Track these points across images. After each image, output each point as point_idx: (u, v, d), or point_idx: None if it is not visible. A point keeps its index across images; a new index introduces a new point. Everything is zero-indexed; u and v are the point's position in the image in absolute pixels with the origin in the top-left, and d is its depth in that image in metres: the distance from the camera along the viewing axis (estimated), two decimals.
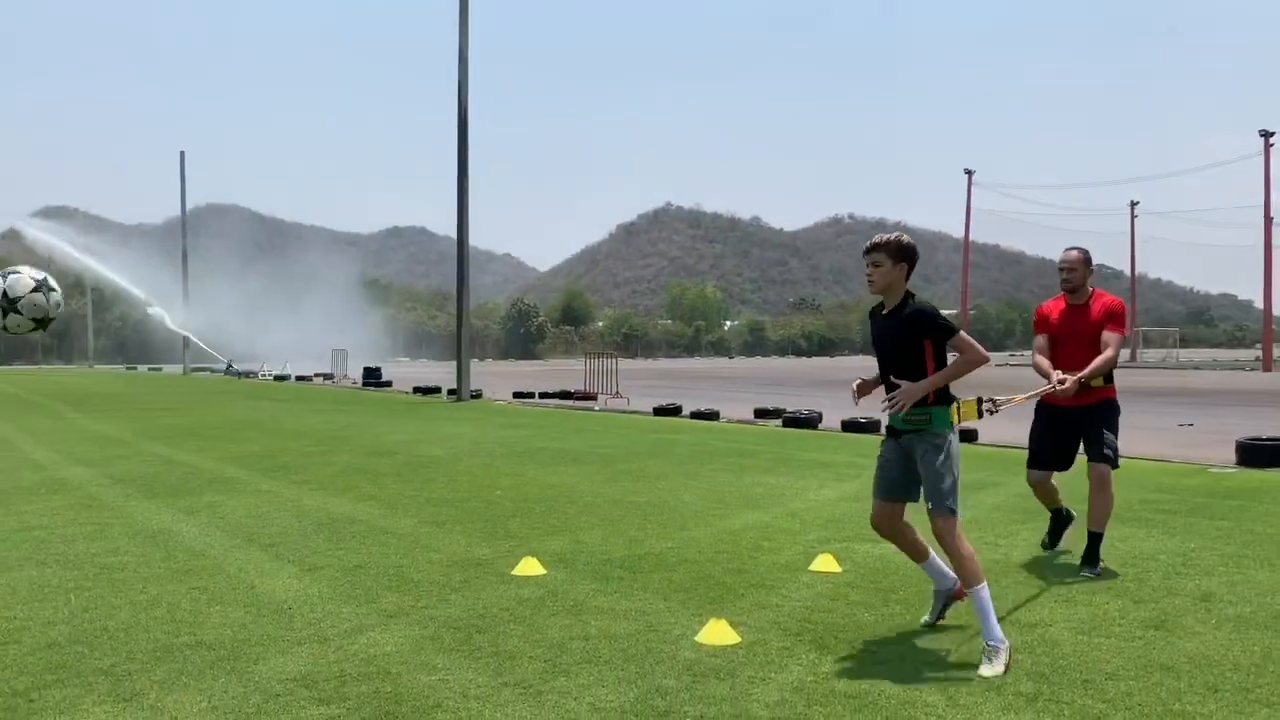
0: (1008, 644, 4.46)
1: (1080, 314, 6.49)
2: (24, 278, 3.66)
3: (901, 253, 4.78)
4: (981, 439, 14.68)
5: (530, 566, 6.25)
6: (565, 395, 27.99)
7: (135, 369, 73.40)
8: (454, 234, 29.88)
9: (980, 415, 5.04)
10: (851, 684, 4.18)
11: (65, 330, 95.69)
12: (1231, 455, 12.01)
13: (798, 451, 13.39)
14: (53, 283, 3.65)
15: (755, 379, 45.03)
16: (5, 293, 3.57)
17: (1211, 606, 5.38)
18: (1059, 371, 6.29)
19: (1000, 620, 4.72)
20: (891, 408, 4.76)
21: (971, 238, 79.38)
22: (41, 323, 3.80)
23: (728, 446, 14.10)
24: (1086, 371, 6.21)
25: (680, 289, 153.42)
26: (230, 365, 57.10)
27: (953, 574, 4.97)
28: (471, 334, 30.61)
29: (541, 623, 5.11)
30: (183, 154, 64.35)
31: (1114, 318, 6.39)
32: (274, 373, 52.66)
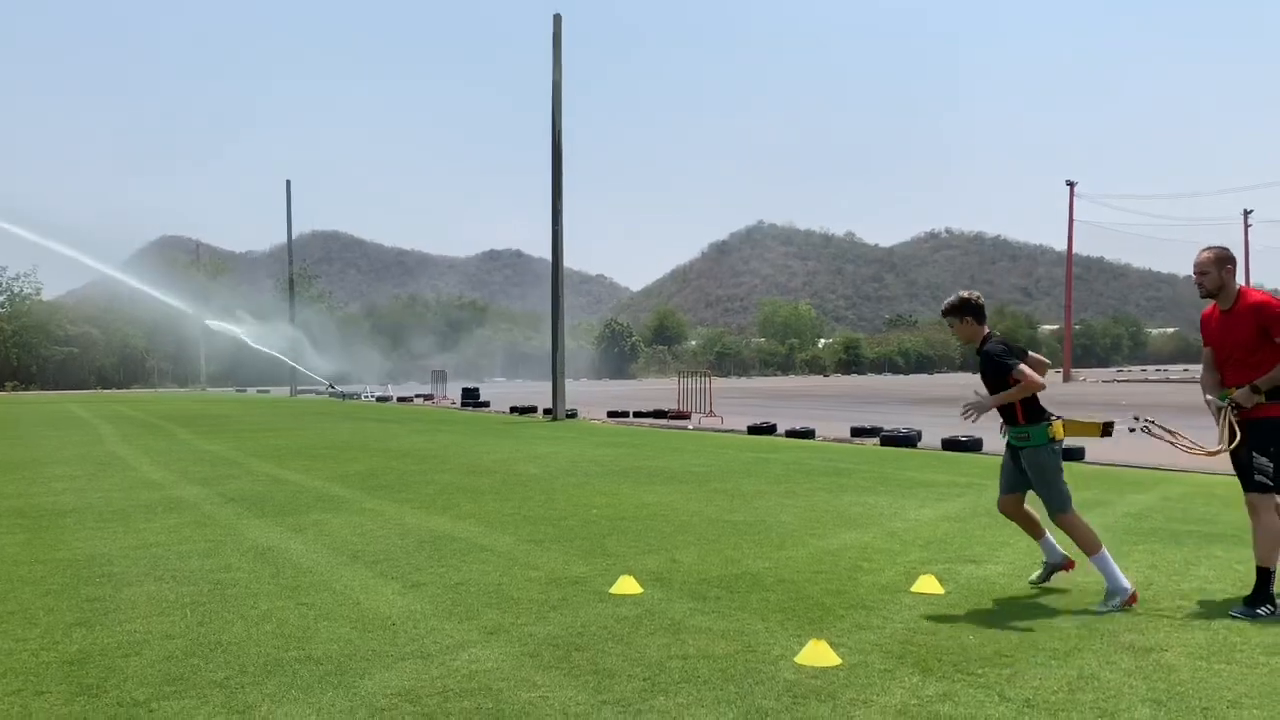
0: (1130, 590, 5.67)
1: (1232, 320, 5.76)
2: None
3: (963, 309, 6.16)
4: (1089, 458, 14.24)
5: (627, 585, 6.27)
6: (659, 414, 28.04)
7: (245, 391, 76.00)
8: (549, 256, 30.27)
9: (1107, 434, 6.29)
10: (956, 708, 4.09)
11: (180, 354, 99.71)
12: None
13: (896, 470, 13.17)
14: None
15: (851, 397, 44.44)
16: None
17: None
18: (1213, 399, 5.75)
19: (1112, 644, 4.64)
20: (964, 417, 6.01)
21: (1074, 250, 77.19)
22: None
23: (824, 465, 13.94)
24: (1263, 379, 5.52)
25: (773, 307, 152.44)
26: (332, 387, 58.72)
27: (1061, 549, 6.31)
28: (566, 354, 30.92)
29: (640, 641, 5.12)
30: (289, 183, 66.55)
31: (1271, 319, 5.55)
32: (376, 394, 53.96)
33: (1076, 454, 14.40)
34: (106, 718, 4.11)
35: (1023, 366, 5.84)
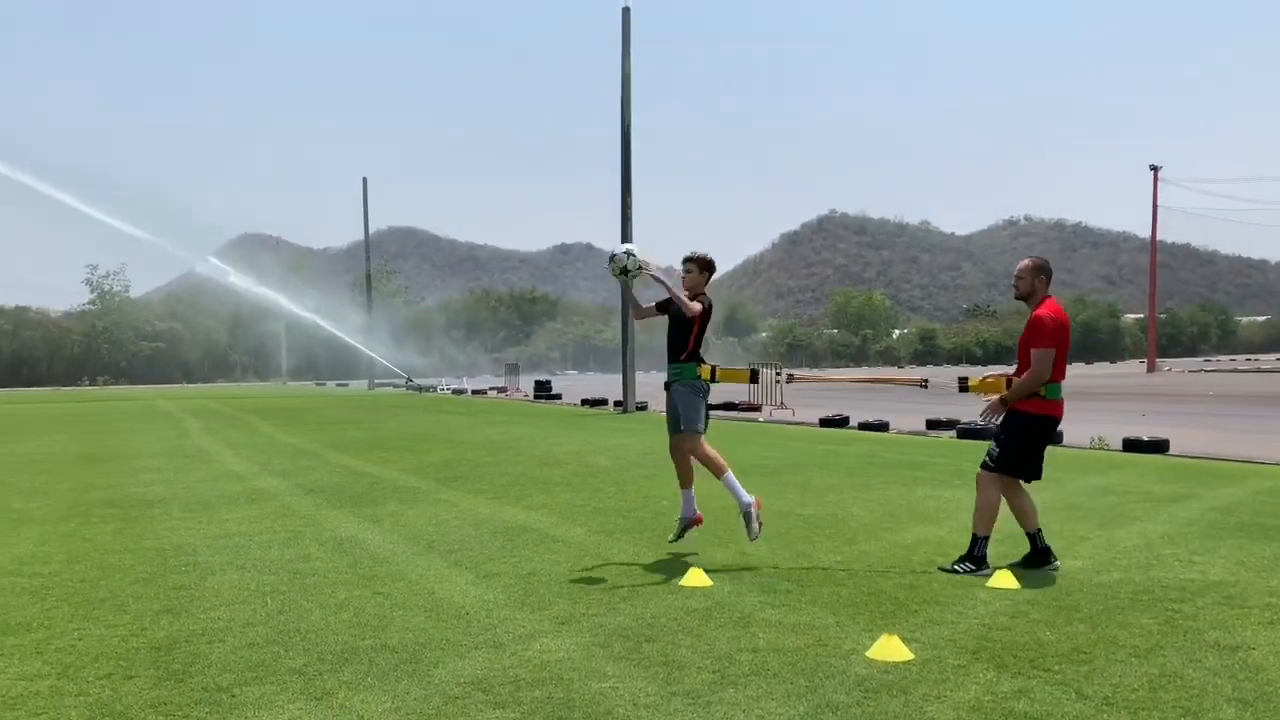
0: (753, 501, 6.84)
1: (1026, 325, 6.56)
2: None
3: (705, 266, 7.39)
4: (1173, 449, 13.84)
5: (697, 578, 6.27)
6: (729, 406, 27.94)
7: (323, 385, 77.64)
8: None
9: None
10: (1032, 704, 4.01)
11: (261, 348, 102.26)
12: None
13: (973, 464, 12.89)
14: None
15: (928, 390, 43.81)
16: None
17: None
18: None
19: (1195, 642, 4.54)
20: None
21: (1159, 237, 74.97)
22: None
23: (898, 458, 13.77)
24: (1009, 392, 6.47)
25: (846, 297, 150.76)
26: (410, 380, 59.73)
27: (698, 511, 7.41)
28: (636, 346, 30.98)
29: (710, 634, 5.12)
30: (365, 180, 67.76)
31: (1033, 332, 6.38)
32: (451, 387, 54.73)
33: (1162, 446, 14.00)
34: (191, 702, 4.24)
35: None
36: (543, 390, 40.54)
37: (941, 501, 9.61)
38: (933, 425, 19.39)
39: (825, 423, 20.91)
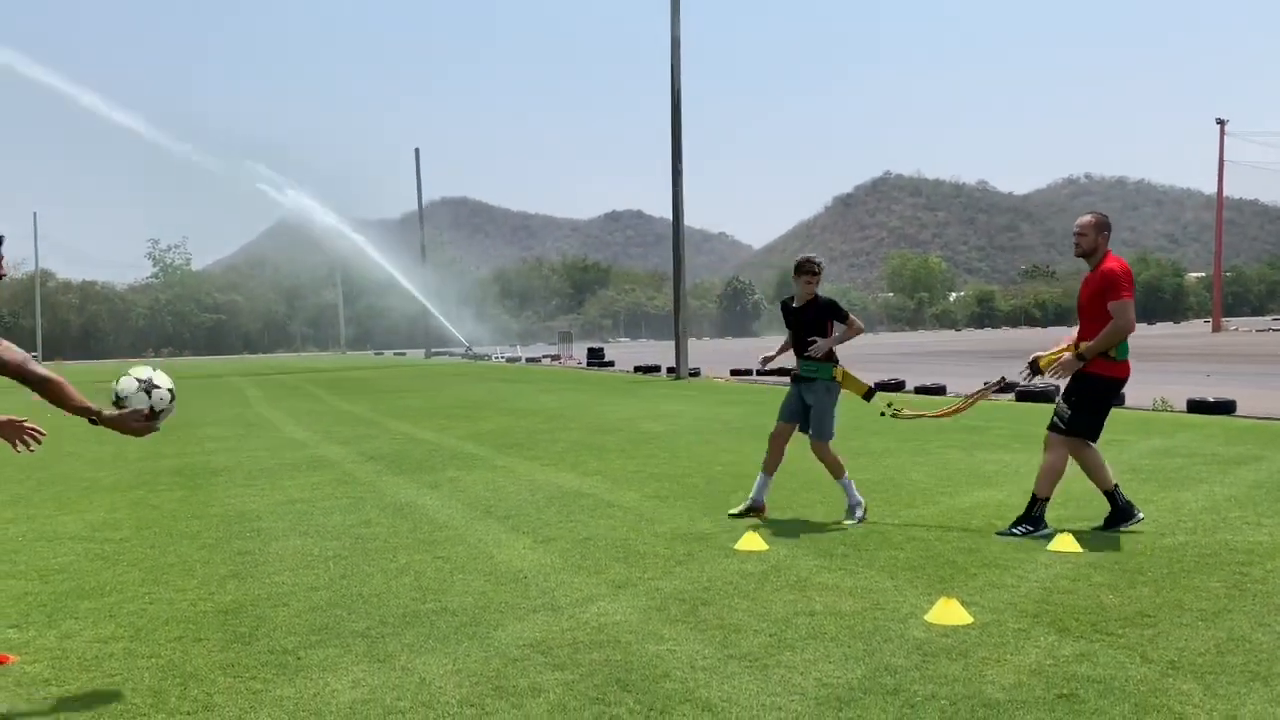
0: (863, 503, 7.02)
1: (1088, 281, 6.42)
2: (130, 379, 4.09)
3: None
4: (1240, 411, 13.51)
5: (752, 541, 6.27)
6: (783, 372, 27.77)
7: (381, 354, 78.64)
8: (669, 216, 30.22)
9: (868, 398, 7.61)
10: (1095, 668, 3.96)
11: (319, 319, 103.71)
12: None
13: (1032, 427, 12.73)
14: (158, 380, 4.02)
15: (985, 352, 43.19)
16: (117, 394, 4.02)
17: None
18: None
19: (1263, 605, 4.45)
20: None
21: (1225, 193, 72.84)
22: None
23: (956, 423, 13.55)
24: (1088, 346, 6.28)
25: (901, 260, 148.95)
26: (469, 349, 60.37)
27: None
28: (688, 313, 30.92)
29: (766, 597, 5.12)
30: (417, 151, 68.24)
31: (1110, 285, 6.22)
32: (506, 355, 55.17)
33: (1228, 407, 13.69)
34: (258, 664, 4.35)
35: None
36: (595, 358, 40.67)
37: (1000, 465, 9.49)
38: None
39: (881, 387, 20.72)
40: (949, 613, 4.63)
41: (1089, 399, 6.34)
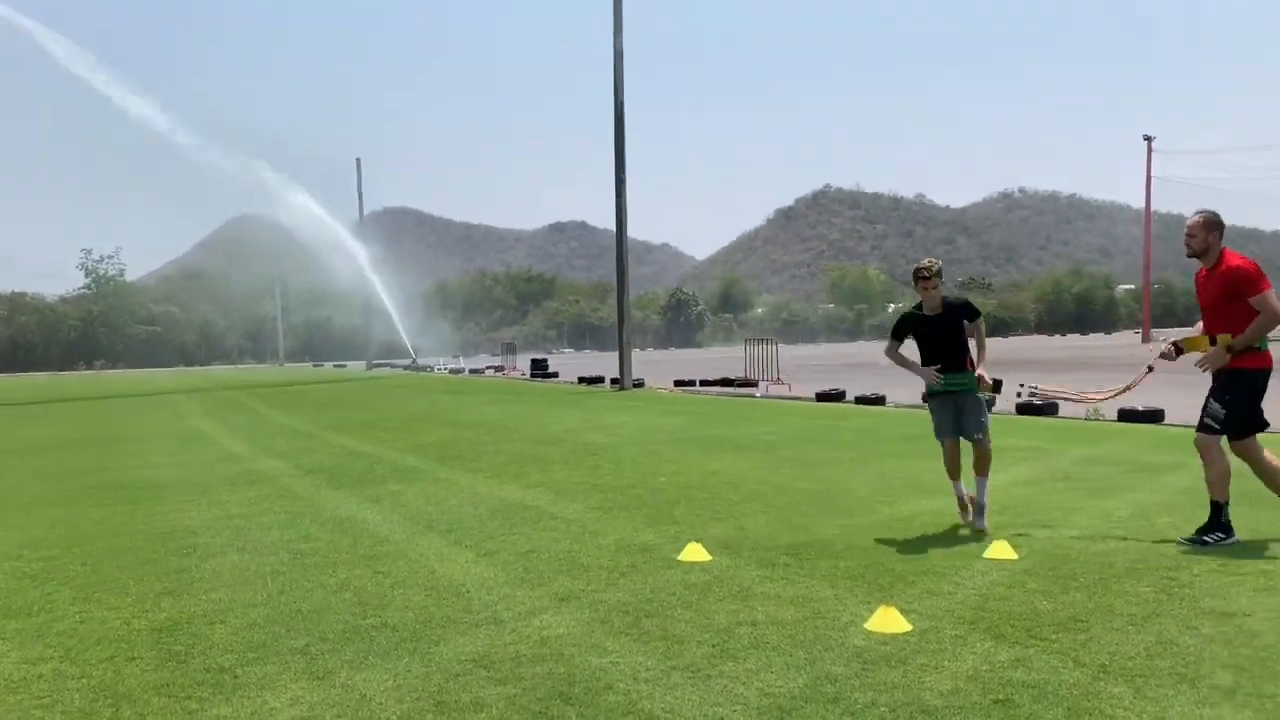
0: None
1: (1210, 280, 6.47)
2: None
3: (941, 274, 7.01)
4: (1169, 419, 13.87)
5: (695, 552, 6.30)
6: (726, 383, 27.96)
7: (321, 366, 77.59)
8: (614, 227, 30.28)
9: (996, 390, 7.22)
10: (1030, 673, 4.04)
11: (258, 331, 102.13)
12: None
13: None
14: None
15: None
16: None
17: None
18: (1169, 343, 6.80)
19: (1191, 609, 4.65)
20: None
21: (1154, 207, 74.84)
22: None
23: (895, 432, 13.80)
24: (1238, 340, 6.28)
25: (841, 272, 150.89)
26: (415, 360, 59.83)
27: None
28: (632, 324, 30.97)
29: (709, 608, 5.15)
30: (359, 160, 67.41)
31: (1243, 282, 6.25)
32: (449, 367, 54.76)
33: (1157, 416, 14.06)
34: (194, 683, 4.27)
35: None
36: (539, 369, 40.55)
37: (939, 474, 9.60)
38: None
39: (822, 397, 20.94)
40: (888, 620, 4.69)
41: (1247, 393, 6.33)
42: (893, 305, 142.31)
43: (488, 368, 50.30)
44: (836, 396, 20.77)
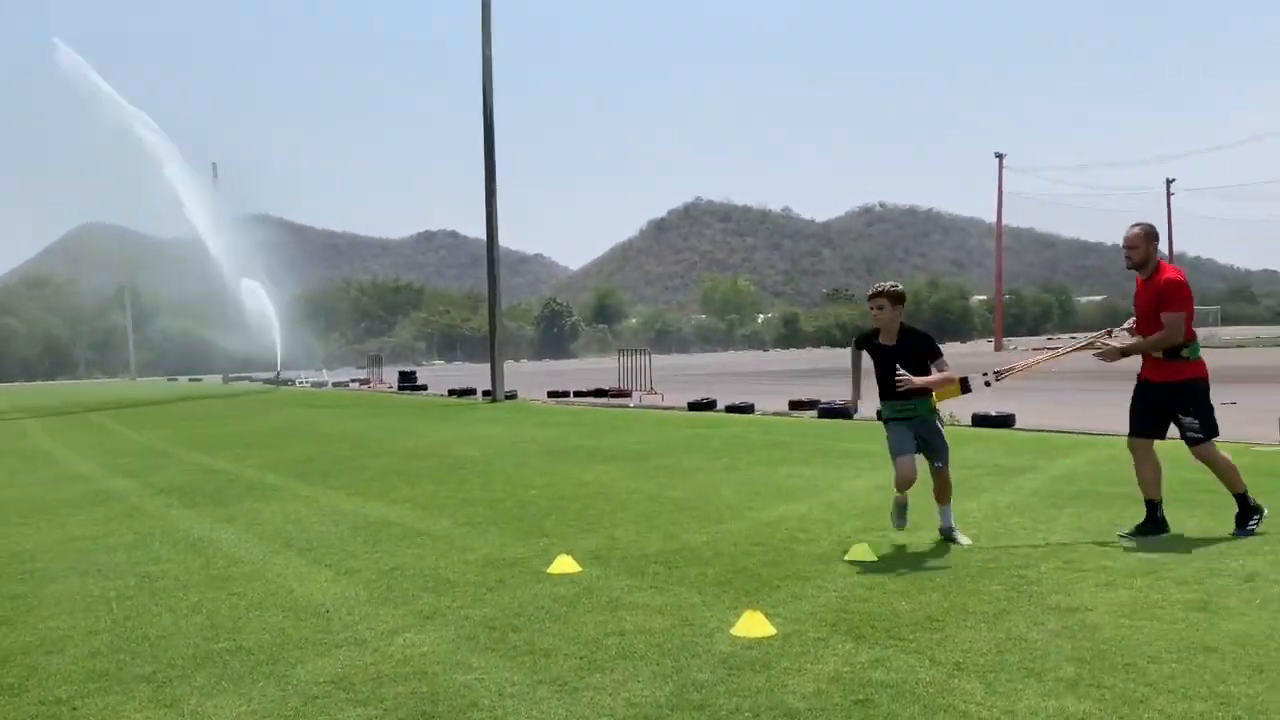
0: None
1: (1147, 289, 6.66)
2: None
3: (898, 298, 6.67)
4: (1019, 424, 14.53)
5: (565, 564, 6.25)
6: (599, 393, 28.02)
7: (175, 380, 74.45)
8: (484, 237, 29.99)
9: (966, 390, 6.73)
10: (888, 673, 4.15)
11: (106, 343, 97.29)
12: (1275, 433, 11.80)
13: (833, 442, 13.32)
14: None
15: (790, 371, 44.85)
16: None
17: (1256, 586, 5.28)
18: (1088, 336, 7.11)
19: (1038, 605, 4.86)
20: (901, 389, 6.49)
21: (1005, 222, 78.52)
22: None
23: (763, 439, 14.05)
24: (1132, 344, 6.68)
25: (713, 283, 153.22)
26: (279, 373, 57.90)
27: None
28: (505, 335, 30.73)
29: (577, 620, 5.12)
30: (215, 165, 64.94)
31: (1167, 295, 6.51)
32: (311, 380, 53.23)
33: (1008, 421, 14.70)
34: (27, 717, 4.00)
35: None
36: (407, 381, 39.79)
37: (803, 479, 9.85)
38: (795, 406, 19.86)
39: (694, 406, 21.18)
40: (753, 625, 4.75)
41: (1204, 402, 6.61)
42: (762, 316, 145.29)
43: (352, 381, 49.12)
44: (708, 405, 21.03)
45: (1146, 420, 6.75)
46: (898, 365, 6.54)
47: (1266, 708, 3.67)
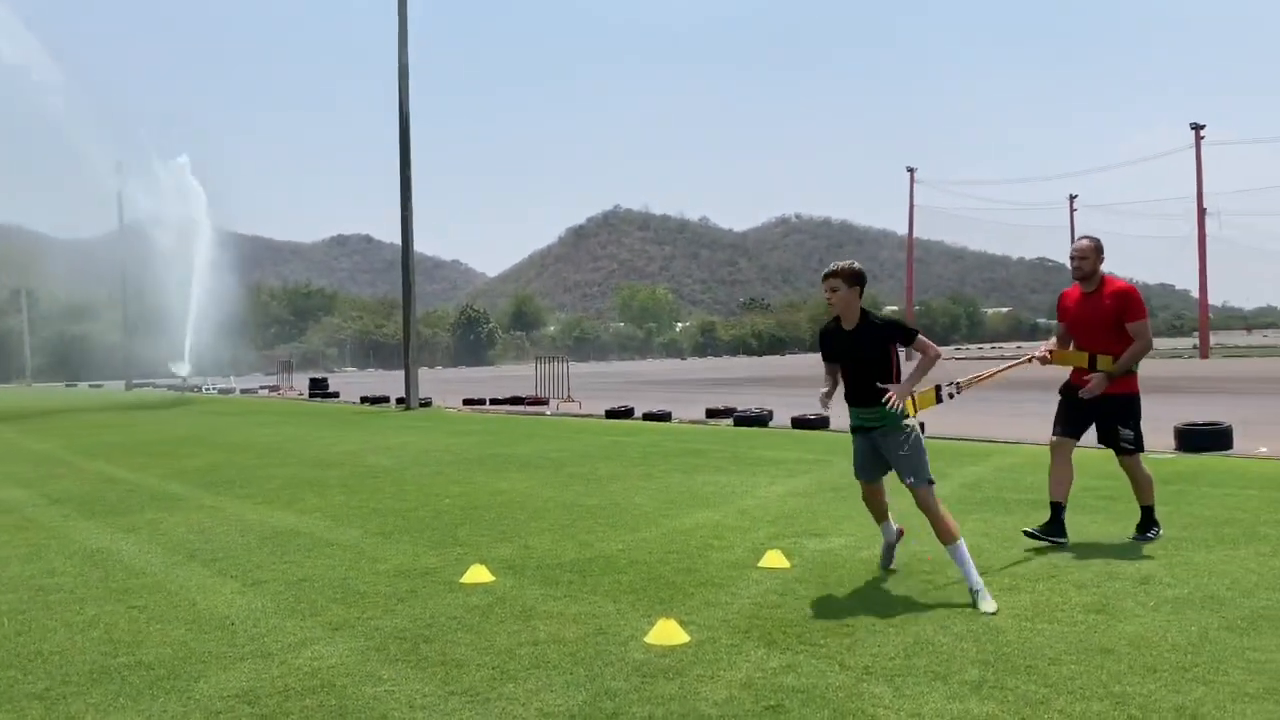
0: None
1: (1094, 301, 6.73)
2: None
3: (855, 278, 5.72)
4: (929, 433, 14.85)
5: (478, 574, 6.19)
6: (516, 401, 27.85)
7: (75, 385, 71.84)
8: (400, 241, 29.61)
9: (940, 401, 5.89)
10: (799, 679, 4.19)
11: (0, 347, 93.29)
12: (1171, 441, 12.27)
13: (748, 450, 13.45)
14: None
15: (707, 379, 45.17)
16: None
17: (1150, 589, 5.48)
18: (1044, 346, 6.95)
19: (946, 609, 4.97)
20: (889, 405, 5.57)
21: (915, 234, 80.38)
22: None
23: (680, 447, 14.12)
24: (1116, 366, 6.66)
25: (631, 291, 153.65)
26: (186, 380, 56.27)
27: (896, 526, 6.24)
28: (420, 342, 30.36)
29: (489, 630, 5.07)
30: (120, 164, 62.87)
31: (1129, 306, 6.61)
32: (218, 386, 51.86)
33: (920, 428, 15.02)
34: None
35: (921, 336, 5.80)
36: (319, 388, 39.04)
37: (718, 486, 9.92)
38: (712, 414, 20.01)
39: (611, 414, 21.20)
40: (667, 633, 4.77)
41: (1138, 416, 6.77)
42: (680, 324, 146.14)
43: (262, 387, 48.00)
44: (625, 413, 21.06)
45: (1074, 422, 6.86)
46: (870, 369, 5.65)
47: (1159, 706, 3.80)
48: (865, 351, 5.66)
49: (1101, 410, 6.77)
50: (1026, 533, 6.82)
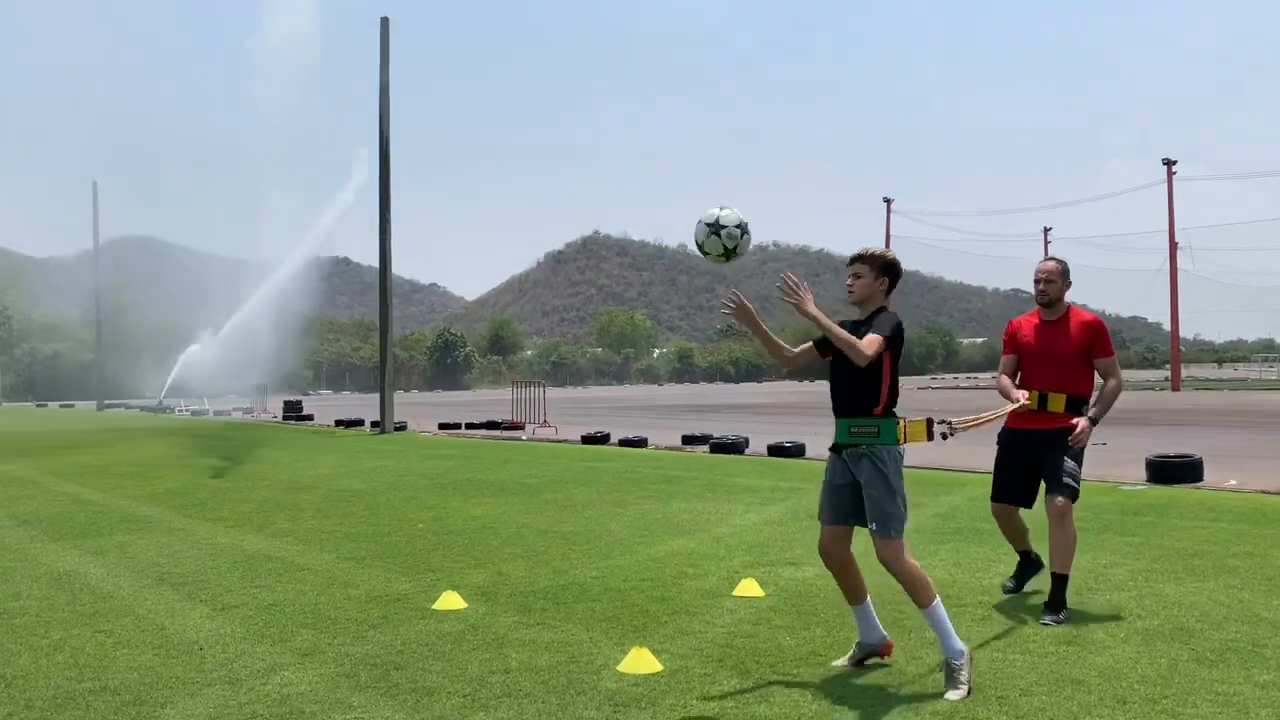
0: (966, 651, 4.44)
1: (1056, 330, 6.00)
2: (734, 214, 4.54)
3: (885, 268, 4.83)
4: (905, 462, 14.91)
5: (451, 600, 6.15)
6: (492, 425, 27.74)
7: (46, 406, 71.00)
8: (377, 264, 29.55)
9: (930, 438, 4.81)
10: (772, 709, 4.19)
11: None
12: (1142, 473, 12.37)
13: (724, 477, 13.45)
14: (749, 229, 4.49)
15: (684, 405, 45.18)
16: (719, 220, 4.52)
17: (1121, 621, 5.52)
18: (1023, 392, 5.91)
19: (918, 641, 4.93)
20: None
21: None
22: (729, 255, 4.73)
23: (656, 473, 14.10)
24: (1097, 410, 5.86)
25: (609, 317, 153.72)
26: (161, 401, 55.72)
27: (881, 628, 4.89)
28: (396, 365, 30.22)
29: (461, 657, 5.03)
30: (95, 184, 62.46)
31: (1100, 340, 5.95)
32: (191, 408, 51.39)
33: None
34: None
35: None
36: (293, 410, 38.77)
37: (694, 514, 9.91)
38: (688, 440, 20.00)
39: (587, 439, 21.15)
40: (640, 662, 4.75)
41: (1082, 451, 5.85)
42: (658, 350, 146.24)
43: (235, 409, 47.60)
44: (601, 439, 21.02)
45: (1018, 485, 6.08)
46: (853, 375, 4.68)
47: None
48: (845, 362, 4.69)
49: (1041, 451, 5.84)
50: (1006, 589, 6.28)
